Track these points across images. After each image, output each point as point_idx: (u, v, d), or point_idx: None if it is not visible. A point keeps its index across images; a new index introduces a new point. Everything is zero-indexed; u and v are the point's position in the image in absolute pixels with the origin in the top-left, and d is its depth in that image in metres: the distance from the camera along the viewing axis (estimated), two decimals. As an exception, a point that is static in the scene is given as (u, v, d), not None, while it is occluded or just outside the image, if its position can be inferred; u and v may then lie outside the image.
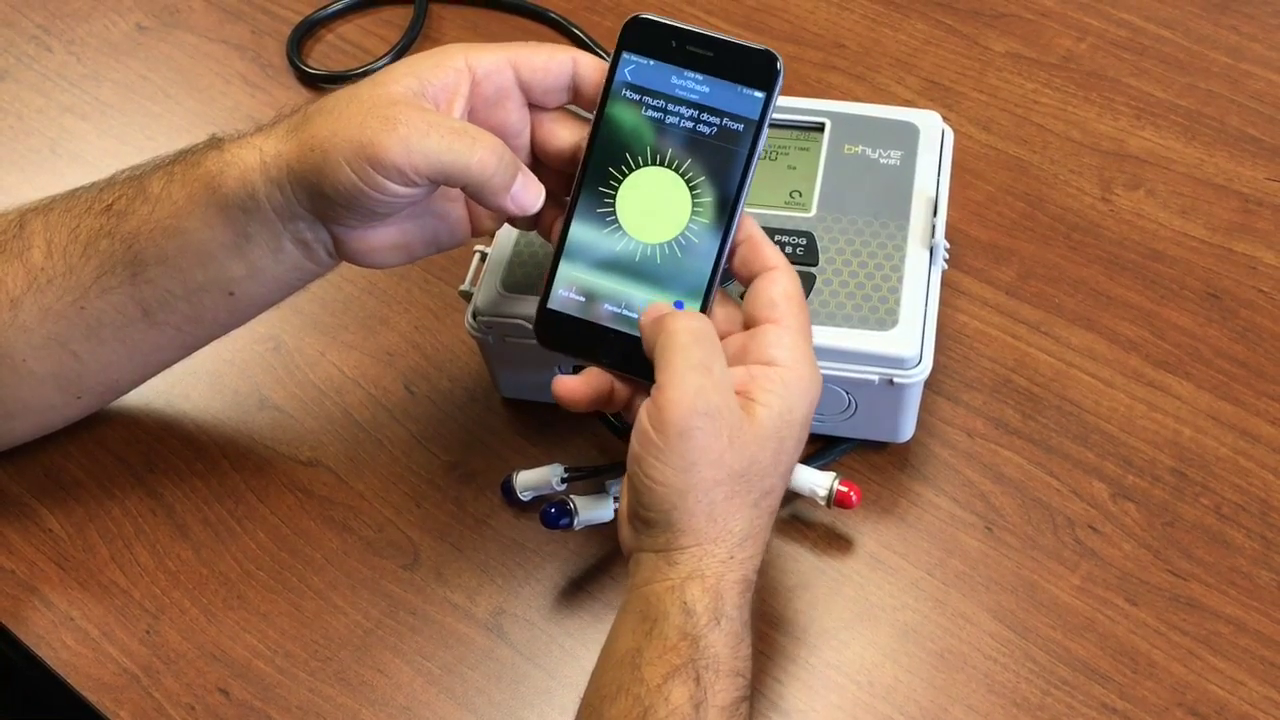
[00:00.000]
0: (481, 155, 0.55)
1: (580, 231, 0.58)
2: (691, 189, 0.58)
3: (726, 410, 0.53)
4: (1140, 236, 0.79)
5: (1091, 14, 0.92)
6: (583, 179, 0.58)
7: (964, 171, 0.83)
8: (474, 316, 0.68)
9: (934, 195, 0.68)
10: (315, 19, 0.96)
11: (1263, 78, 0.87)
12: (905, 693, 0.63)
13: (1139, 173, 0.83)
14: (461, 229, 0.62)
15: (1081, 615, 0.65)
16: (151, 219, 0.60)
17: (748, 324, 0.57)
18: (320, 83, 0.93)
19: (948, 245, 0.67)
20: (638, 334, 0.57)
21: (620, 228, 0.58)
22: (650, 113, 0.58)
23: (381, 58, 0.92)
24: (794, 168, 0.70)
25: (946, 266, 0.69)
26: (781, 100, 0.73)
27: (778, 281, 0.56)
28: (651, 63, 0.58)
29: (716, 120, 0.57)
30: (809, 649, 0.64)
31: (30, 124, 0.92)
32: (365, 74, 0.92)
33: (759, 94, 0.57)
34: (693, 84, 0.57)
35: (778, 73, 0.57)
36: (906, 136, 0.71)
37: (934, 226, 0.66)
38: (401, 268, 0.80)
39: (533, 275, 0.66)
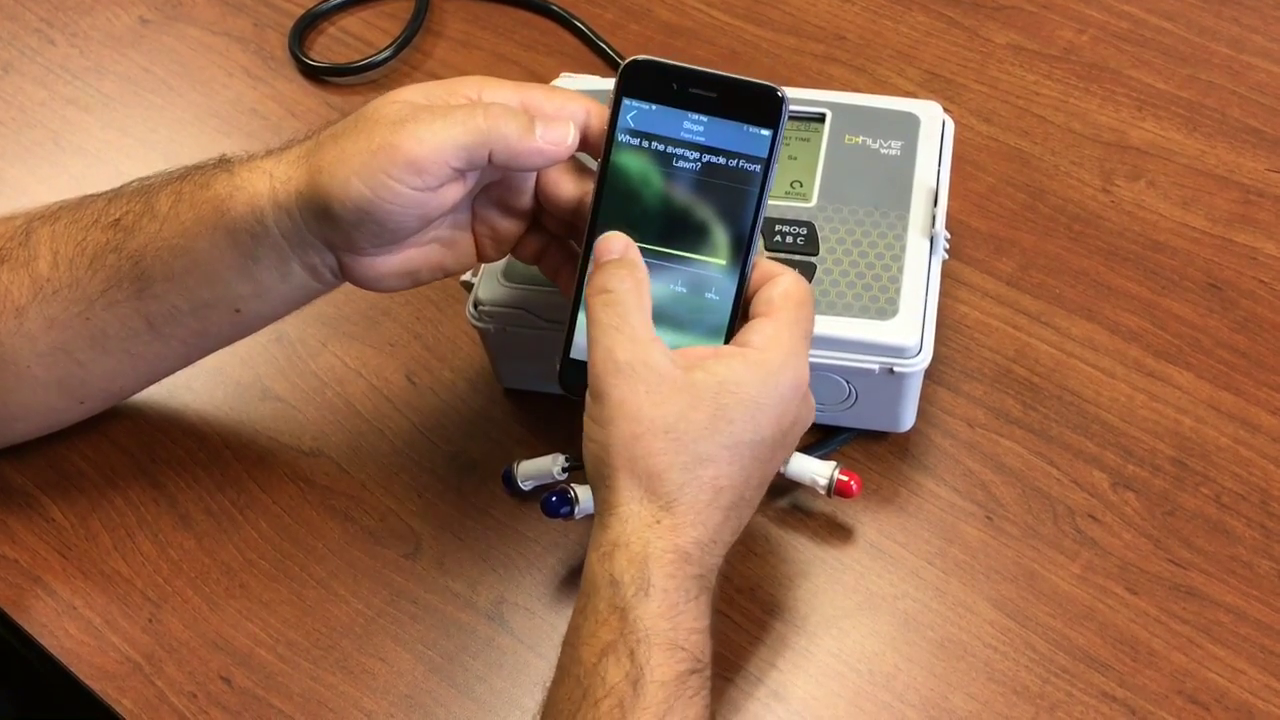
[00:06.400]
0: (487, 112, 0.55)
1: None
2: (704, 231, 0.57)
3: (639, 364, 0.53)
4: (1141, 227, 0.79)
5: (1093, 6, 0.92)
6: (593, 226, 0.57)
7: (965, 163, 0.83)
8: (475, 306, 0.68)
9: (934, 185, 0.68)
10: (317, 12, 0.97)
11: (1264, 69, 0.87)
12: (906, 681, 0.63)
13: (1140, 164, 0.83)
14: (468, 256, 0.62)
15: (1081, 604, 0.65)
16: (159, 237, 0.60)
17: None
18: (322, 75, 0.93)
19: (948, 235, 0.67)
20: None
21: None
22: (656, 157, 0.56)
23: (383, 50, 0.92)
24: (795, 158, 0.70)
25: (947, 256, 0.69)
26: (782, 91, 0.73)
27: (780, 284, 0.56)
28: (653, 107, 0.56)
29: (724, 161, 0.56)
30: (809, 637, 0.65)
31: (33, 116, 0.93)
32: (367, 67, 0.92)
33: (765, 132, 0.56)
34: (697, 126, 0.56)
35: (783, 109, 0.56)
36: (907, 127, 0.71)
37: (934, 216, 0.66)
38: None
39: (533, 266, 0.66)
